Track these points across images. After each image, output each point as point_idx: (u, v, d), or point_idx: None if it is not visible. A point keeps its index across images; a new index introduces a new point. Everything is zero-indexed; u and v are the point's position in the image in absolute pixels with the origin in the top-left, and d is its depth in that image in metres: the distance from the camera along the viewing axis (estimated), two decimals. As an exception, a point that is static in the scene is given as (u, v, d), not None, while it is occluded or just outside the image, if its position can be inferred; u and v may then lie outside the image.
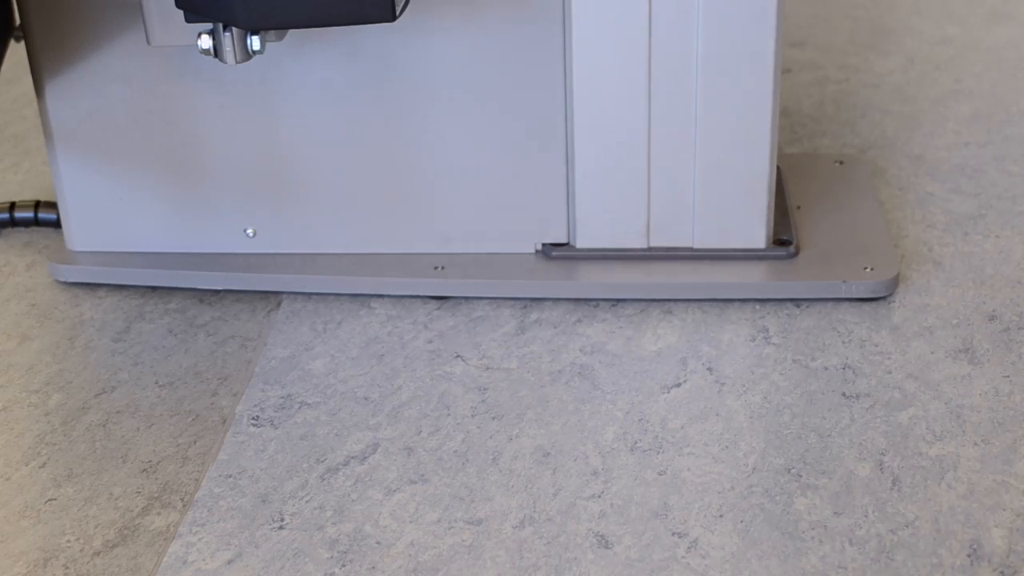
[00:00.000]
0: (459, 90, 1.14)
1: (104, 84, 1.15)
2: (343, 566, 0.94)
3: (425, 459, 1.03)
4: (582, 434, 1.04)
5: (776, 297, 1.18)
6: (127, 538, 0.97)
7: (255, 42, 1.00)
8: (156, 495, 1.00)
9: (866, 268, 1.17)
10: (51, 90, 1.16)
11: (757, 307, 1.18)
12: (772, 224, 1.19)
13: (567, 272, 1.19)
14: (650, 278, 1.18)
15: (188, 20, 0.97)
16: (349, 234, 1.21)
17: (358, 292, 1.21)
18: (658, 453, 1.02)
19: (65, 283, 1.24)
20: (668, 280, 1.18)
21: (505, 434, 1.05)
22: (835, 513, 0.96)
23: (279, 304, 1.21)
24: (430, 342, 1.15)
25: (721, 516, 0.96)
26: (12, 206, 1.30)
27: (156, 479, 1.02)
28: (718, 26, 1.09)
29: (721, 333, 1.15)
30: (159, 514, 0.99)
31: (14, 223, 1.30)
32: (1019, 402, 1.05)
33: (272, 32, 1.01)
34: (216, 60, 1.01)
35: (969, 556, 0.92)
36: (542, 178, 1.17)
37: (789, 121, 1.46)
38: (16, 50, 1.14)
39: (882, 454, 1.01)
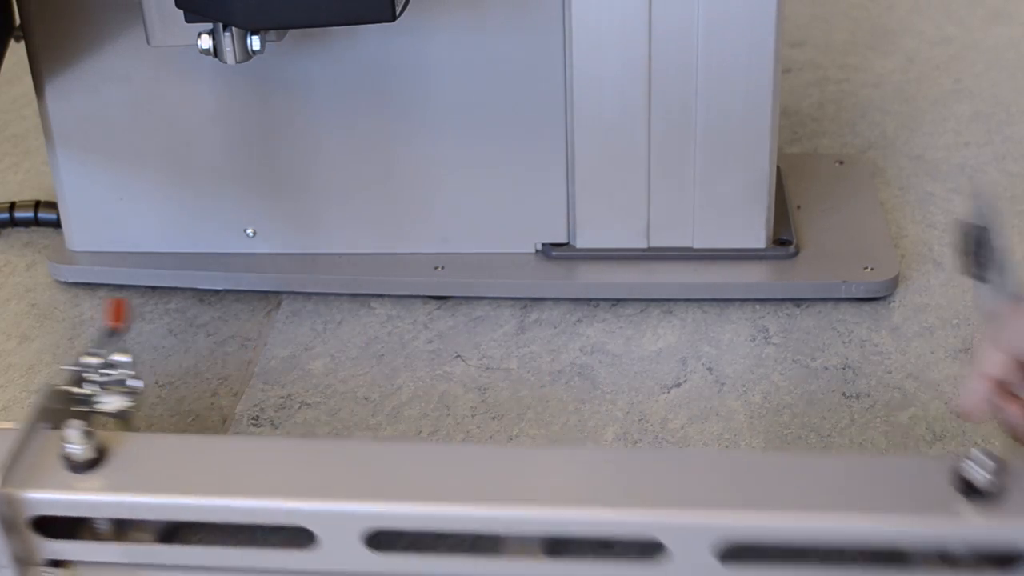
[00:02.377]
0: (459, 90, 1.14)
1: (104, 84, 1.15)
2: (343, 566, 0.94)
3: (425, 459, 1.03)
4: (582, 434, 1.04)
5: (776, 297, 1.18)
6: (127, 538, 0.97)
7: (255, 42, 1.00)
8: (156, 495, 1.00)
9: (866, 268, 1.17)
10: (51, 90, 1.16)
11: (757, 307, 1.18)
12: (772, 224, 1.19)
13: (567, 272, 1.19)
14: (650, 278, 1.18)
15: (188, 20, 0.97)
16: (349, 234, 1.21)
17: (358, 292, 1.21)
18: (658, 453, 1.02)
19: (65, 283, 1.24)
20: (668, 280, 1.18)
21: (505, 434, 1.05)
22: (835, 513, 0.95)
23: (279, 304, 1.21)
24: (430, 342, 1.15)
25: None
26: (12, 206, 1.30)
27: (156, 479, 1.02)
28: (718, 26, 1.09)
29: (721, 333, 1.15)
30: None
31: (14, 223, 1.30)
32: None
33: (272, 32, 1.01)
34: (216, 60, 1.00)
35: (969, 556, 0.92)
36: (542, 178, 1.17)
37: (789, 121, 1.46)
38: (16, 50, 1.14)
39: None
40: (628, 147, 1.14)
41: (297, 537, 0.88)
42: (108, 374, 0.92)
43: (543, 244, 1.21)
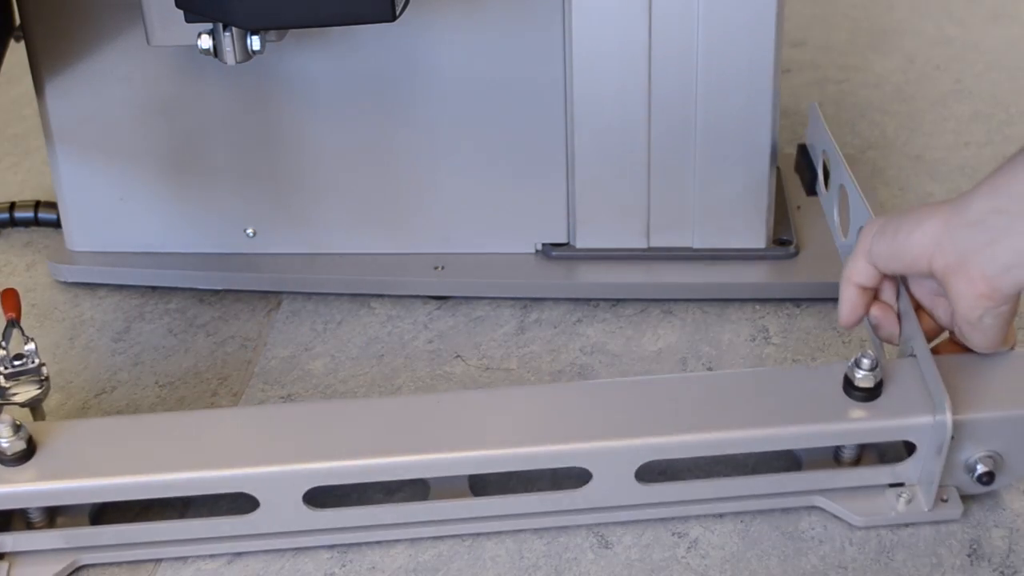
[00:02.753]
0: (459, 89, 1.14)
1: (104, 84, 1.15)
2: (343, 566, 0.94)
3: (425, 459, 1.03)
4: (582, 434, 1.04)
5: (776, 297, 1.18)
6: (127, 538, 0.97)
7: (255, 42, 1.00)
8: (156, 495, 1.00)
9: (866, 268, 1.17)
10: (51, 90, 1.16)
11: (757, 307, 1.18)
12: (772, 224, 1.19)
13: (567, 272, 1.19)
14: (650, 278, 1.18)
15: (188, 20, 0.97)
16: (349, 234, 1.21)
17: (358, 292, 1.21)
18: (658, 453, 1.02)
19: (65, 283, 1.24)
20: (668, 280, 1.18)
21: (505, 434, 1.05)
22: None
23: (279, 304, 1.21)
24: (430, 342, 1.15)
25: (721, 516, 0.96)
26: (12, 206, 1.30)
27: (156, 479, 1.02)
28: (718, 26, 1.09)
29: (721, 333, 1.15)
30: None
31: (14, 223, 1.30)
32: (1019, 402, 1.05)
33: (272, 32, 1.01)
34: (216, 60, 1.00)
35: (969, 556, 0.92)
36: (542, 178, 1.17)
37: (789, 121, 1.46)
38: (16, 50, 1.14)
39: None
40: (628, 147, 1.14)
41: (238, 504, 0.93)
42: (15, 365, 0.95)
43: (543, 244, 1.21)
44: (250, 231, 1.22)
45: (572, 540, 0.95)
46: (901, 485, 0.94)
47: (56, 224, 1.27)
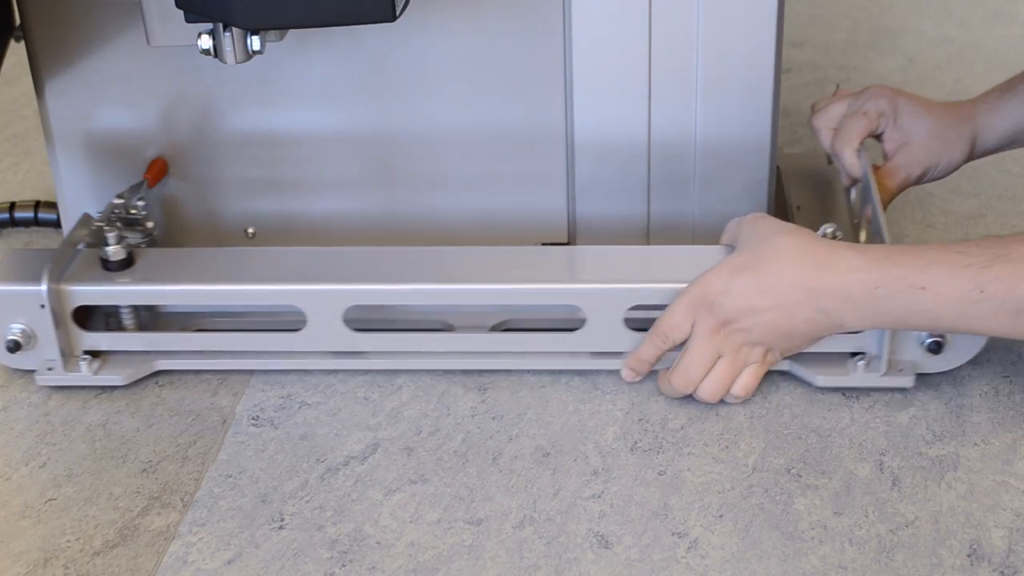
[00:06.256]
0: (459, 89, 1.14)
1: (104, 84, 1.15)
2: (343, 566, 0.94)
3: (425, 459, 1.03)
4: (582, 434, 1.04)
5: (776, 297, 1.18)
6: (127, 538, 0.97)
7: (255, 42, 1.00)
8: (156, 495, 1.00)
9: (866, 268, 1.17)
10: (51, 90, 1.16)
11: (757, 307, 1.17)
12: (772, 224, 1.19)
13: (567, 272, 1.19)
14: (650, 278, 1.18)
15: (188, 20, 0.97)
16: (349, 235, 1.21)
17: (358, 292, 1.21)
18: (658, 453, 1.02)
19: (65, 283, 1.24)
20: (668, 280, 1.18)
21: (505, 434, 1.05)
22: (835, 513, 0.96)
23: (279, 304, 1.21)
24: (430, 342, 1.16)
25: (721, 516, 0.96)
26: (12, 206, 1.30)
27: (156, 479, 1.02)
28: (718, 26, 1.09)
29: (721, 333, 1.14)
30: (159, 514, 0.99)
31: (14, 223, 1.30)
32: (1019, 402, 1.05)
33: (272, 32, 1.01)
34: (216, 60, 1.01)
35: (969, 556, 0.92)
36: (542, 178, 1.17)
37: (789, 121, 1.46)
38: (16, 50, 1.14)
39: (882, 454, 1.01)
40: (628, 147, 1.14)
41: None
42: (131, 214, 1.14)
43: (543, 244, 1.21)
44: (250, 231, 1.22)
45: (572, 540, 0.95)
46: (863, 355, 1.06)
47: (56, 224, 1.27)
